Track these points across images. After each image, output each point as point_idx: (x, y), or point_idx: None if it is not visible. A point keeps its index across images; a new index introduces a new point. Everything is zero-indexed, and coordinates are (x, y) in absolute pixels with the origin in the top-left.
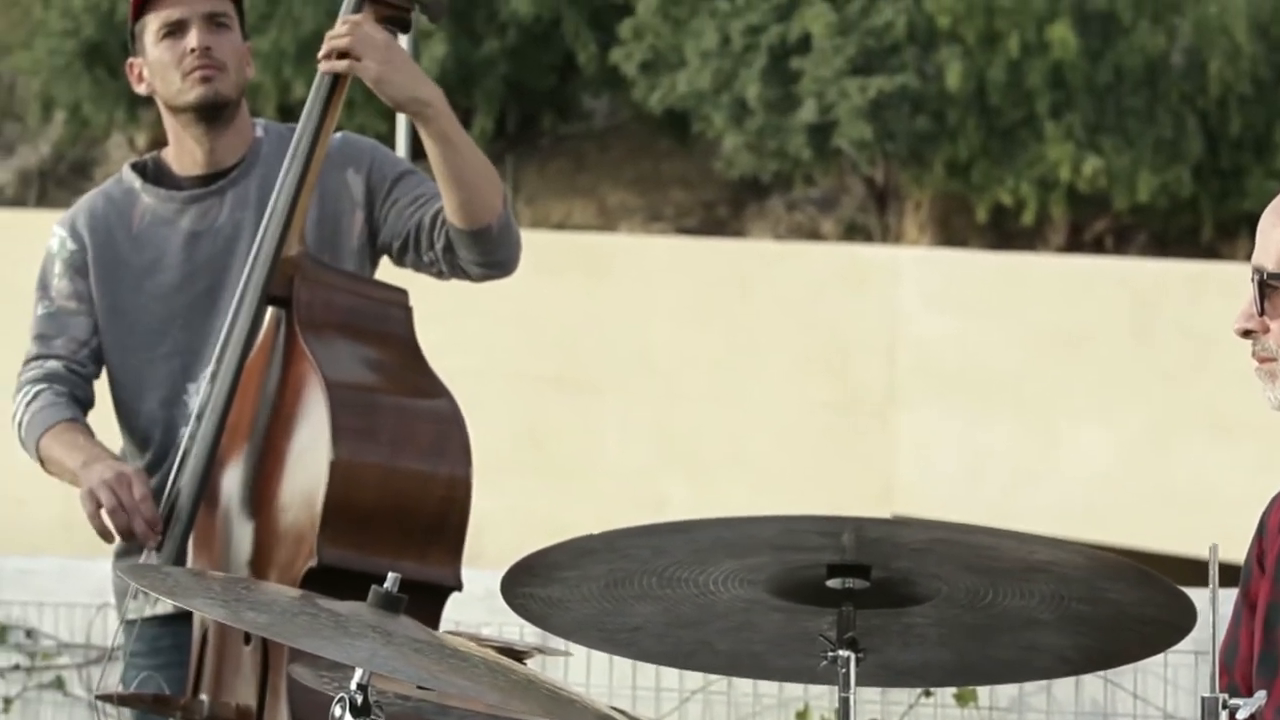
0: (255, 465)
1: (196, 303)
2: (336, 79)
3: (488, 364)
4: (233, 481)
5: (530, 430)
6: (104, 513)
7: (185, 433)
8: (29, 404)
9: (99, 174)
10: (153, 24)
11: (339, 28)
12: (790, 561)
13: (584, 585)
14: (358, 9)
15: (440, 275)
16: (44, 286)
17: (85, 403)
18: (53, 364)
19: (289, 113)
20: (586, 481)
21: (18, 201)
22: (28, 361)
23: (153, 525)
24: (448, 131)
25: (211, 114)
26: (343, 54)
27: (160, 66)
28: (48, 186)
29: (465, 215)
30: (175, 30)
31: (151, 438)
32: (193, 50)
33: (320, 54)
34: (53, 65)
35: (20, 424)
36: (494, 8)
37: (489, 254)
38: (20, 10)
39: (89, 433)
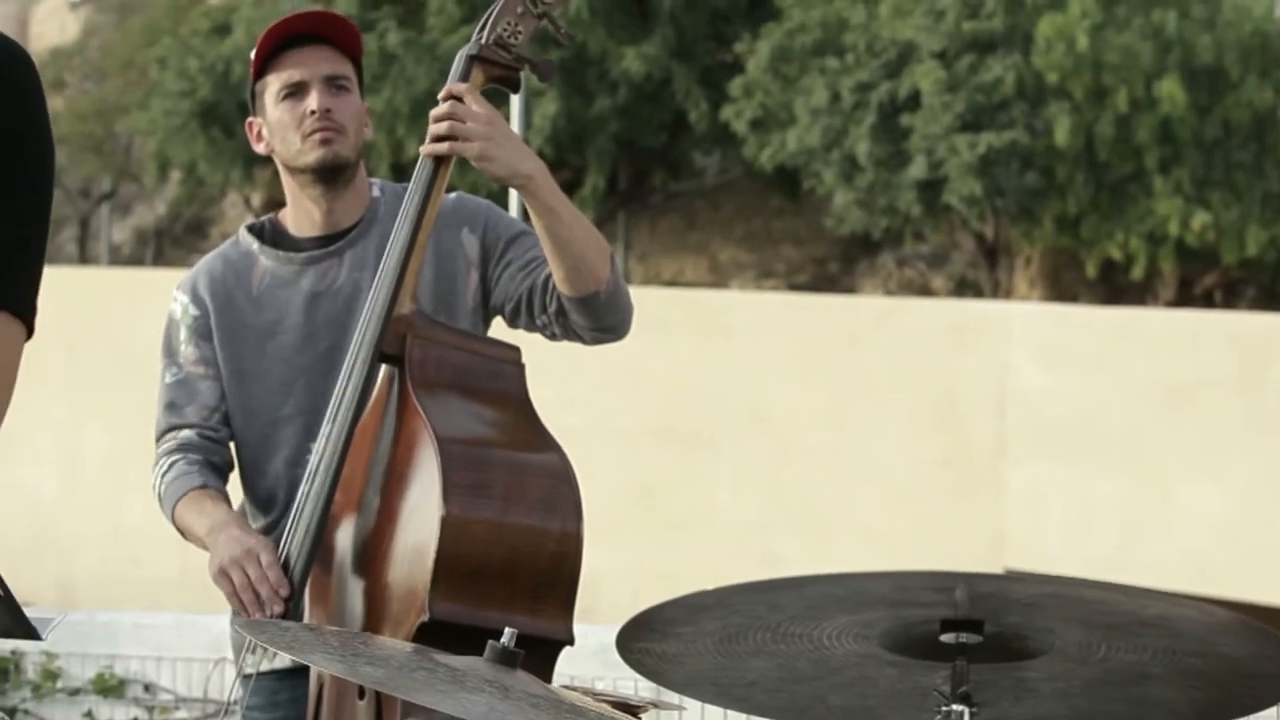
0: (369, 521)
1: (318, 363)
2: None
3: (600, 420)
4: (347, 537)
5: (642, 486)
6: (237, 591)
7: (302, 490)
8: (164, 475)
9: (215, 233)
10: (273, 85)
11: (439, 108)
12: (904, 616)
13: (699, 640)
14: (467, 71)
15: (553, 338)
16: (170, 353)
17: (221, 467)
18: (186, 433)
19: (402, 172)
20: (698, 536)
21: (135, 260)
22: (162, 434)
23: (281, 595)
24: (551, 203)
25: (330, 176)
26: (443, 137)
27: (280, 127)
28: (164, 246)
29: (572, 283)
30: (296, 92)
31: (275, 497)
32: (313, 112)
33: (424, 145)
34: (169, 125)
35: (159, 496)
36: (605, 66)
37: (598, 319)
38: (137, 71)
39: (218, 498)
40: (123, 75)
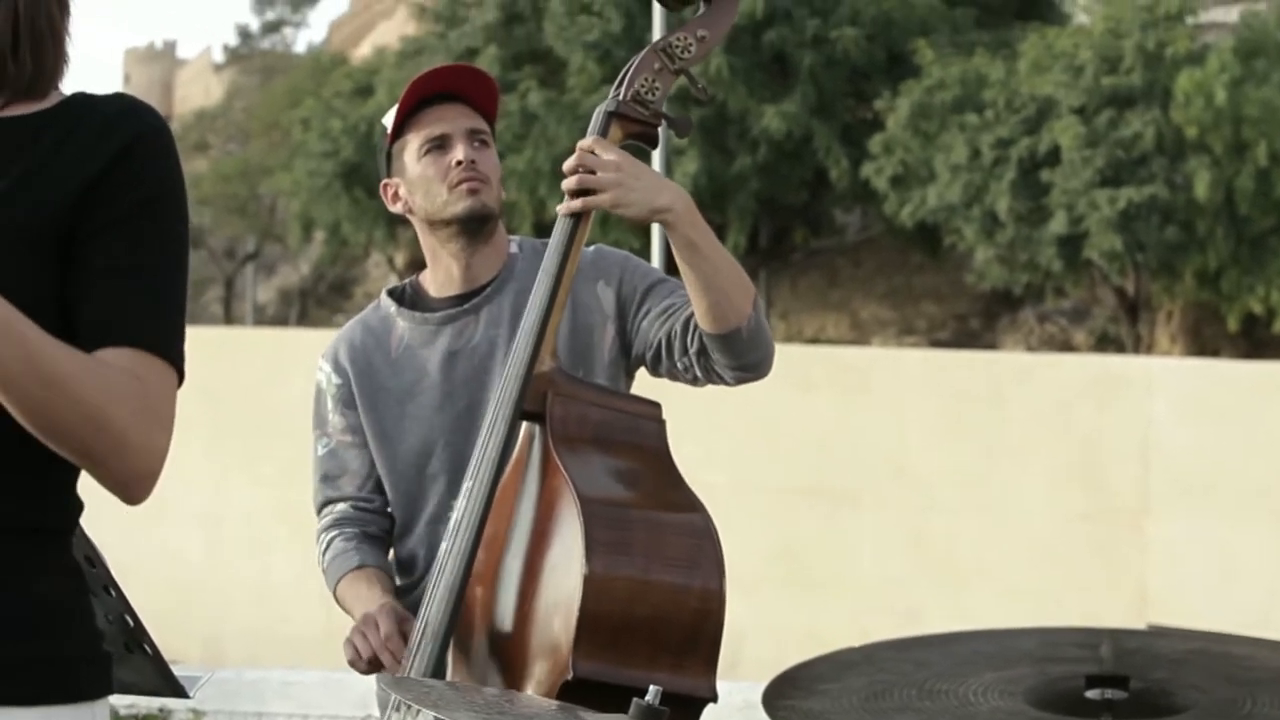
0: (511, 579)
1: (458, 422)
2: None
3: (742, 477)
4: (489, 595)
5: (785, 542)
6: (361, 660)
7: (444, 548)
8: (324, 553)
9: (358, 293)
10: (414, 141)
11: (570, 161)
12: (1049, 673)
13: (844, 697)
14: (605, 127)
15: (695, 381)
16: (320, 424)
17: (379, 536)
18: (341, 507)
19: (544, 231)
20: (840, 593)
21: (279, 320)
22: (320, 509)
23: (399, 660)
24: (693, 236)
25: (475, 227)
26: (576, 191)
27: (424, 182)
28: (308, 305)
29: (715, 319)
30: (439, 145)
31: (417, 556)
32: (459, 163)
33: (561, 204)
34: (312, 186)
35: (323, 573)
36: (746, 124)
37: (741, 357)
38: (280, 133)
39: (373, 578)
40: (266, 136)
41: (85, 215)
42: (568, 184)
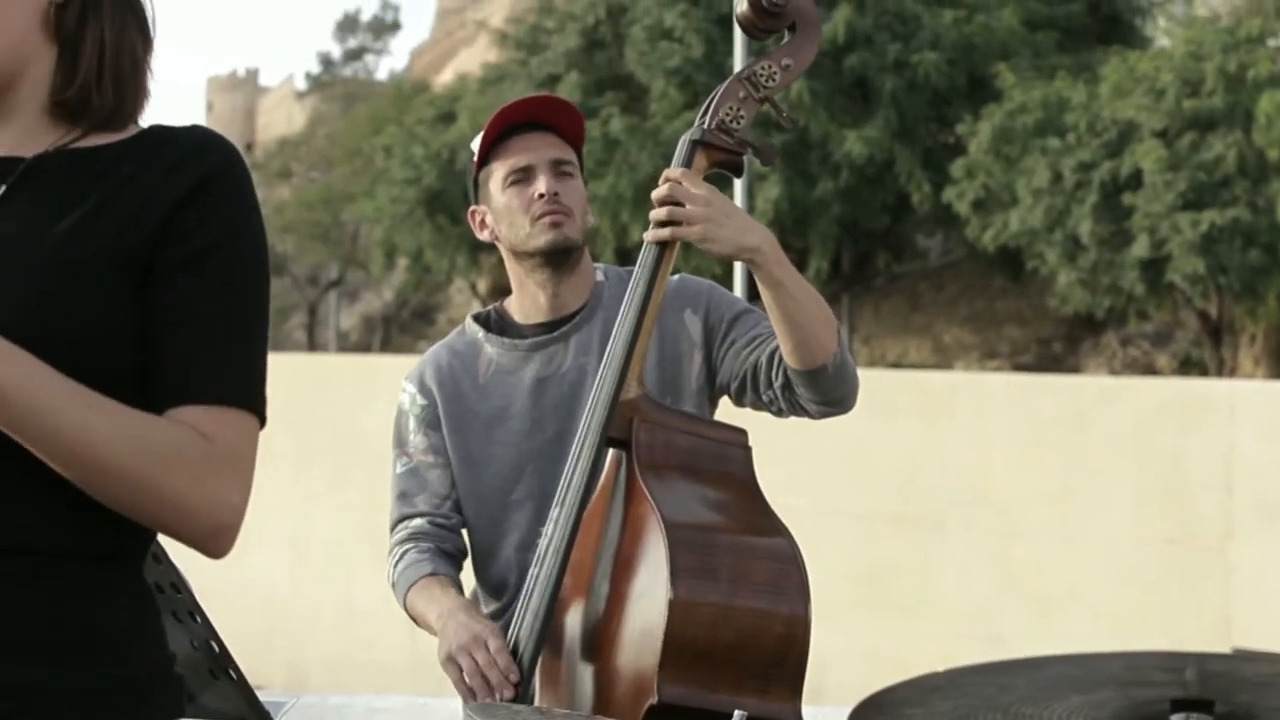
0: (597, 605)
1: (546, 448)
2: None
3: (827, 502)
4: (576, 621)
5: (869, 567)
6: (465, 677)
7: (532, 574)
8: (396, 564)
9: (441, 319)
10: (499, 171)
11: (658, 190)
12: (1134, 697)
13: None
14: (690, 156)
15: (779, 413)
16: (400, 443)
17: (453, 554)
18: (417, 522)
19: (627, 256)
20: (925, 617)
21: (362, 347)
22: (395, 524)
23: (511, 680)
24: (779, 275)
25: (559, 259)
26: (664, 222)
27: (508, 212)
28: (391, 332)
29: (800, 356)
30: (523, 177)
31: (506, 582)
32: (541, 195)
33: (647, 232)
34: (395, 213)
35: (392, 585)
36: (828, 149)
37: (825, 393)
38: (363, 159)
39: (447, 584)
40: (349, 163)
41: (159, 251)
42: (656, 214)
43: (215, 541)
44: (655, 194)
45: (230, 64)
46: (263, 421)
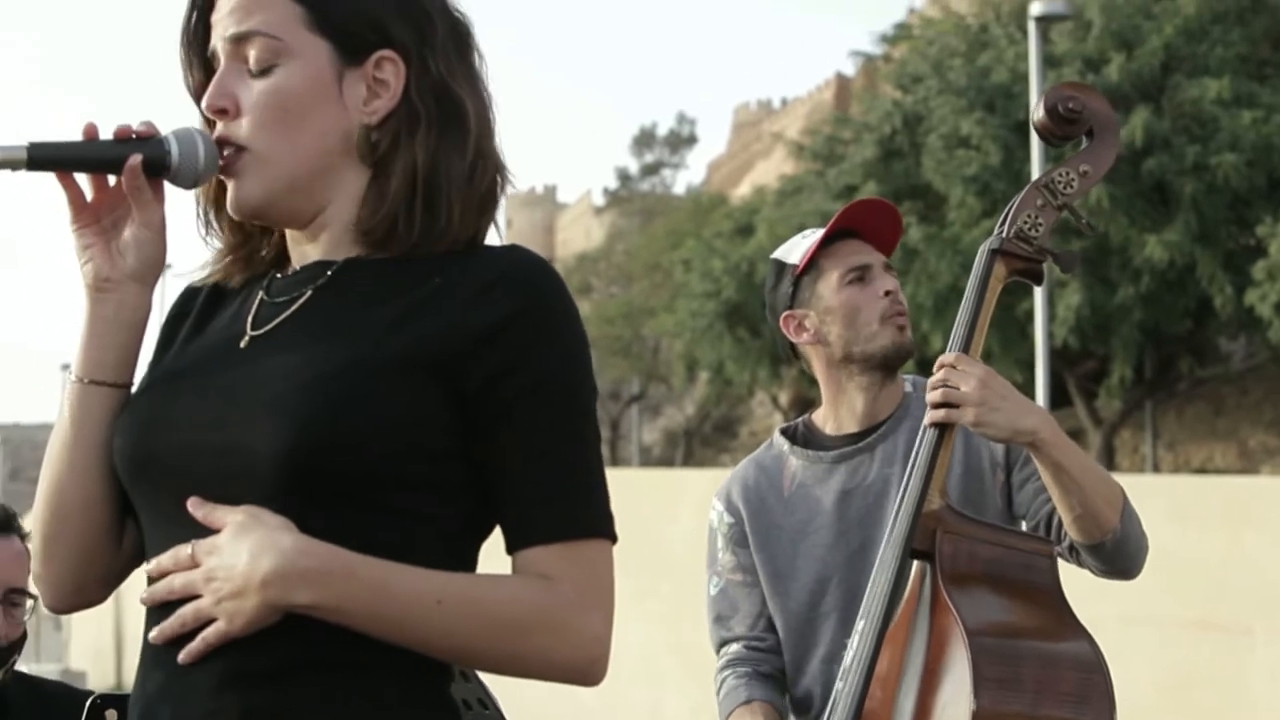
0: (903, 717)
1: (851, 560)
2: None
3: (1131, 610)
4: None
5: (1176, 676)
6: None
7: (837, 687)
8: (718, 691)
9: (744, 432)
10: (833, 271)
11: (936, 375)
12: None
13: None
14: (989, 266)
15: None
16: (712, 563)
17: (772, 675)
18: (734, 647)
19: (926, 367)
20: None
21: (665, 461)
22: (717, 649)
23: None
24: (1057, 457)
25: (892, 363)
26: (939, 404)
27: (849, 310)
28: (693, 445)
29: (1080, 531)
30: (862, 276)
31: (813, 694)
32: (888, 293)
33: (926, 415)
34: (695, 327)
35: (719, 715)
36: (1128, 254)
37: (1106, 564)
38: (662, 274)
39: (757, 710)
40: (648, 278)
41: (485, 376)
42: (932, 397)
43: (588, 677)
44: (932, 379)
45: (528, 181)
46: (614, 540)
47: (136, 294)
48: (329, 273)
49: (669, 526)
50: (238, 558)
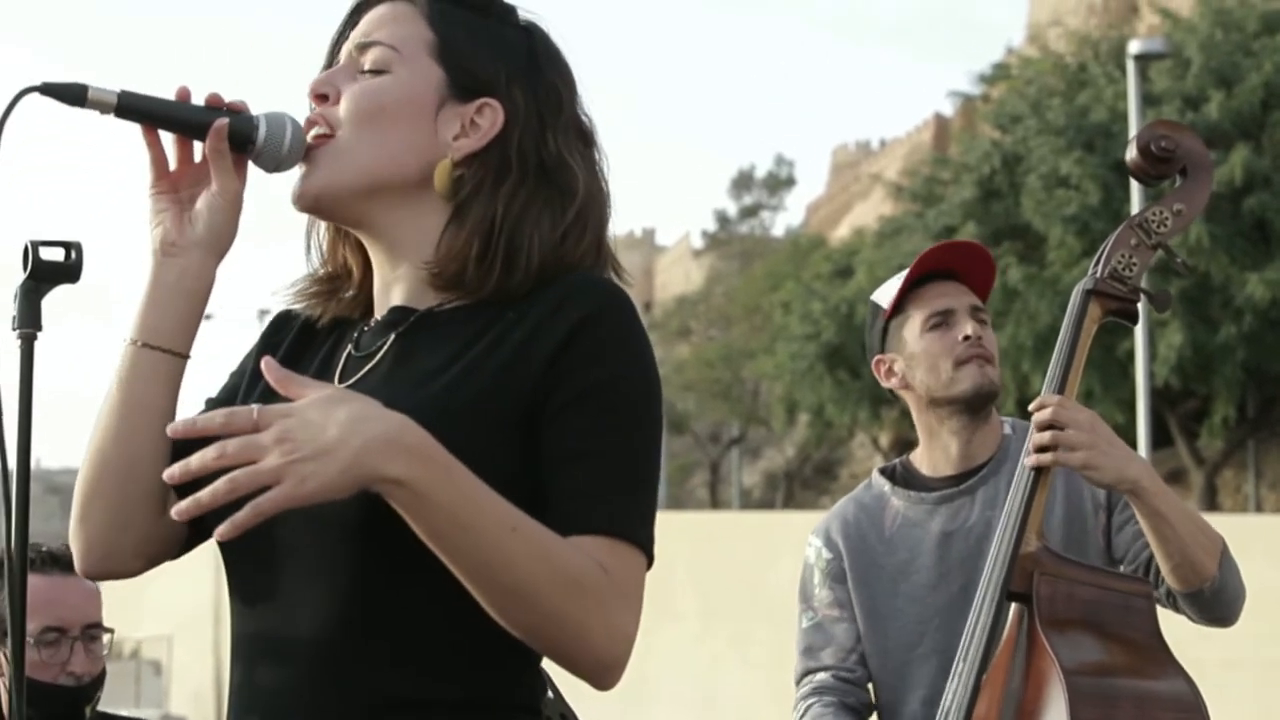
0: None
1: (952, 602)
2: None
3: (1232, 653)
4: None
5: (1276, 716)
6: None
7: None
8: (801, 719)
9: (844, 474)
10: (917, 315)
11: (1040, 414)
12: None
13: None
14: (1084, 306)
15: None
16: (806, 597)
17: (857, 708)
18: (821, 676)
19: (1027, 407)
20: None
21: (765, 503)
22: (800, 678)
23: None
24: (1158, 506)
25: (978, 404)
26: (1046, 447)
27: (928, 357)
28: (794, 488)
29: (1178, 579)
30: (943, 320)
31: None
32: (966, 338)
33: (1027, 457)
34: (794, 369)
35: None
36: (1229, 293)
37: (1202, 612)
38: (761, 317)
39: None
40: (747, 320)
41: (545, 395)
42: (1039, 439)
43: (609, 674)
44: (1037, 418)
45: (627, 224)
46: (650, 562)
47: (200, 262)
48: (411, 319)
49: (770, 570)
50: (328, 419)
